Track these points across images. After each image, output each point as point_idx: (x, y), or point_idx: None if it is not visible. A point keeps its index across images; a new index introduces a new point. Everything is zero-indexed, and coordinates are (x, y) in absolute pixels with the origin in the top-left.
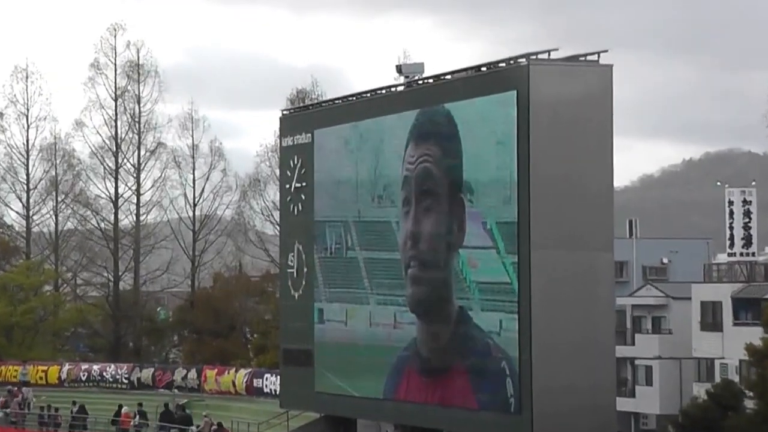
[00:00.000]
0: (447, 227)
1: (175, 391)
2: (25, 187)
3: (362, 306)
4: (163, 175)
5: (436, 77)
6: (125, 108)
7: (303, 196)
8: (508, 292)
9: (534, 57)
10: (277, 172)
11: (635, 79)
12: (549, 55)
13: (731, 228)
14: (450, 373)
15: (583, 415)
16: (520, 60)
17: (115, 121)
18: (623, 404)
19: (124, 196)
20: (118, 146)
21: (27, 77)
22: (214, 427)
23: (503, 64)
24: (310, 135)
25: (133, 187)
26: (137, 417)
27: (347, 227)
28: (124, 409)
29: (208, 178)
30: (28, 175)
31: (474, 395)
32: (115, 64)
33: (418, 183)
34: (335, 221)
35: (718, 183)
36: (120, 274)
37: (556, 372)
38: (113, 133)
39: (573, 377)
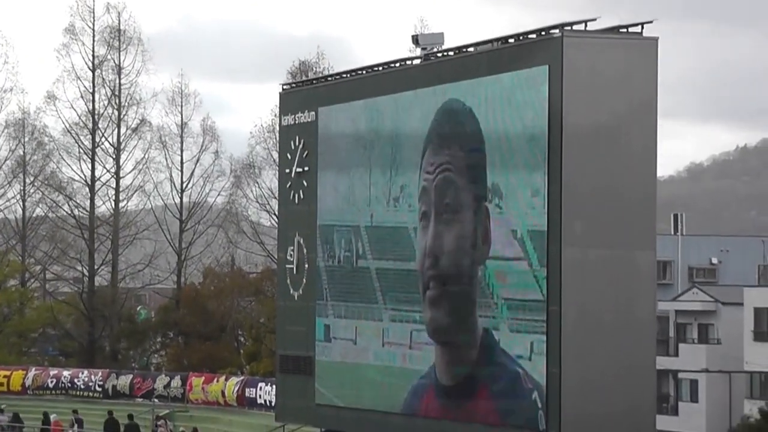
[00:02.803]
0: (471, 242)
1: (156, 401)
2: None
3: (374, 323)
4: (146, 156)
5: (458, 50)
6: (104, 80)
7: (305, 183)
8: (540, 310)
9: (569, 28)
10: (275, 155)
11: (686, 54)
12: (585, 26)
13: None
14: (474, 407)
15: None
16: (552, 31)
17: (93, 94)
18: (665, 423)
19: (101, 179)
20: (95, 123)
21: None
22: None
23: (533, 36)
24: (313, 113)
25: (112, 170)
26: (75, 426)
27: (357, 232)
28: (53, 417)
29: (198, 161)
30: None
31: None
32: (93, 30)
33: (439, 196)
34: (344, 226)
35: None
36: (96, 267)
37: (589, 390)
38: (90, 107)
39: (607, 393)
